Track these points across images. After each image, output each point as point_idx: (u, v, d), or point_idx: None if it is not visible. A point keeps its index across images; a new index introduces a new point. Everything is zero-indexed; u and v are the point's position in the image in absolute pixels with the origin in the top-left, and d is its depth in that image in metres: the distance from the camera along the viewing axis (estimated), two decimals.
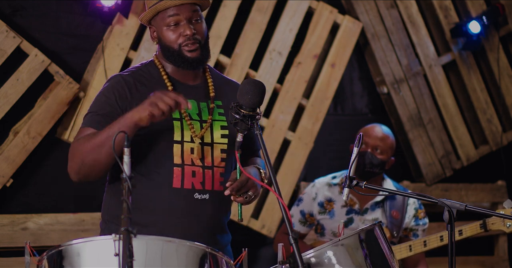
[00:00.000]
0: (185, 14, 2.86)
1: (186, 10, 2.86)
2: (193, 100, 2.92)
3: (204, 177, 2.87)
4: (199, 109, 2.92)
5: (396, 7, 5.47)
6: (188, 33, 2.85)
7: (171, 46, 2.88)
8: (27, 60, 4.30)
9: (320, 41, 5.15)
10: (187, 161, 2.86)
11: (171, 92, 2.72)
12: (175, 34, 2.87)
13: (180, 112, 2.87)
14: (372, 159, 4.01)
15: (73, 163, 2.81)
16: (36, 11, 4.42)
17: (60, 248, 2.43)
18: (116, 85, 2.88)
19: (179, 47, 2.87)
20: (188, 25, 2.86)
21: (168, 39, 2.88)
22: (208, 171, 2.88)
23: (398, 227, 4.06)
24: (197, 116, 2.90)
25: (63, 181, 4.48)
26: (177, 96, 2.67)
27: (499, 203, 5.67)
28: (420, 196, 2.87)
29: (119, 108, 2.84)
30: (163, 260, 2.40)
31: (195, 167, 2.87)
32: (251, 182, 2.78)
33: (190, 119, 2.88)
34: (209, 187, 2.88)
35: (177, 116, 2.87)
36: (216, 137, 2.91)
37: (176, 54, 2.88)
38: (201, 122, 2.90)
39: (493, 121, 5.78)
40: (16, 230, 4.32)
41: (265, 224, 4.96)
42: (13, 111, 4.29)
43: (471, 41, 5.51)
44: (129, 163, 2.26)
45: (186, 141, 2.86)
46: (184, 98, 2.68)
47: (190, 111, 2.89)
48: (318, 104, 5.16)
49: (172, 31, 2.87)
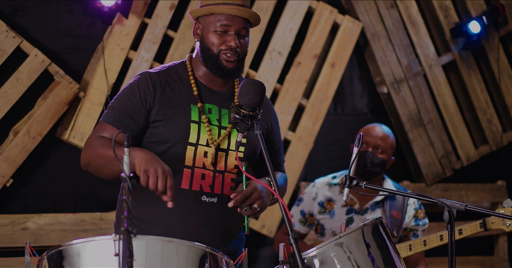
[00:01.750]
0: (236, 26, 2.89)
1: (238, 22, 2.90)
2: (215, 105, 2.94)
3: (214, 180, 2.89)
4: (220, 115, 2.94)
5: (396, 7, 5.47)
6: (232, 44, 2.88)
7: (211, 48, 2.90)
8: (27, 60, 4.30)
9: (320, 41, 5.15)
10: (199, 164, 2.87)
11: (169, 175, 2.61)
12: (219, 39, 2.89)
13: (200, 116, 2.88)
14: (373, 158, 4.01)
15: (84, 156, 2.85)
16: (36, 11, 4.42)
17: (60, 248, 2.43)
18: (142, 83, 2.90)
19: (218, 52, 2.90)
20: (235, 37, 2.89)
21: (211, 42, 2.90)
22: (218, 175, 2.90)
23: (398, 227, 4.06)
24: (217, 121, 2.92)
25: (63, 181, 4.49)
26: (169, 187, 2.59)
27: (499, 203, 5.67)
28: (420, 196, 2.87)
29: (143, 107, 2.87)
30: (163, 260, 2.40)
31: (206, 171, 2.88)
32: (256, 195, 2.78)
33: (209, 124, 2.89)
34: (218, 191, 2.89)
35: (195, 119, 2.89)
36: (233, 144, 2.92)
37: (213, 58, 2.90)
38: (220, 128, 2.92)
39: (493, 121, 5.78)
40: (16, 230, 4.31)
41: (265, 224, 4.96)
42: (13, 111, 4.29)
43: (471, 41, 5.51)
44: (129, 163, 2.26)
45: (201, 144, 2.88)
46: (171, 194, 2.59)
47: (210, 116, 2.91)
48: (318, 104, 5.16)
49: (218, 35, 2.89)
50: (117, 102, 2.91)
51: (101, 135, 2.86)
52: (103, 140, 2.82)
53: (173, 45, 4.72)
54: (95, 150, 2.79)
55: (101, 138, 2.84)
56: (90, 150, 2.83)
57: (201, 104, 2.91)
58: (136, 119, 2.86)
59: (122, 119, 2.86)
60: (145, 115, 2.88)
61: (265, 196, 2.82)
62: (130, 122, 2.85)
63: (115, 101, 2.92)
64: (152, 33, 4.65)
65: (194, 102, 2.92)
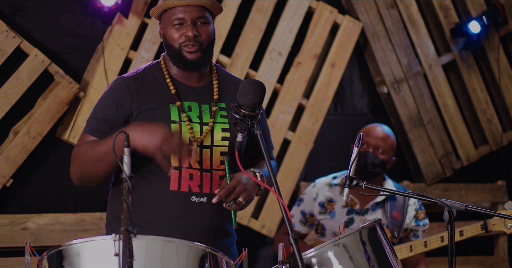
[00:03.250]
0: (190, 15, 2.87)
1: (192, 12, 2.87)
2: (194, 102, 2.92)
3: (202, 180, 2.87)
4: (200, 111, 2.92)
5: (396, 7, 5.47)
6: (189, 34, 2.86)
7: (172, 44, 2.89)
8: (27, 60, 4.29)
9: (320, 41, 5.15)
10: (185, 164, 2.86)
11: (176, 137, 2.69)
12: (177, 33, 2.88)
13: (180, 115, 2.87)
14: (374, 159, 4.00)
15: (74, 170, 2.86)
16: (36, 11, 4.42)
17: (60, 248, 2.43)
18: (117, 90, 2.90)
19: (180, 47, 2.88)
20: (191, 27, 2.87)
21: (170, 37, 2.89)
22: (206, 174, 2.88)
23: (398, 227, 4.06)
24: (198, 118, 2.90)
25: (63, 181, 4.48)
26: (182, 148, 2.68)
27: (499, 203, 5.67)
28: (420, 196, 2.86)
29: (121, 114, 2.87)
30: (163, 260, 2.40)
31: (193, 170, 2.86)
32: (240, 188, 2.76)
33: (190, 122, 2.88)
34: (207, 190, 2.87)
35: (175, 118, 2.87)
36: (217, 139, 2.90)
37: (175, 53, 2.89)
38: (201, 125, 2.90)
39: (493, 121, 5.78)
40: (16, 230, 4.31)
41: (265, 224, 4.96)
42: (13, 111, 4.29)
43: (471, 41, 5.51)
44: (129, 163, 2.26)
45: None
46: (188, 150, 2.71)
47: (190, 114, 2.89)
48: (318, 104, 5.16)
49: (175, 30, 2.88)
50: (95, 111, 2.92)
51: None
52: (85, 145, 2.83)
53: None
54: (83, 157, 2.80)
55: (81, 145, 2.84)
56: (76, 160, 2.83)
57: (179, 102, 2.88)
58: (116, 126, 2.83)
59: (103, 128, 2.85)
60: (125, 121, 2.86)
61: (250, 188, 2.80)
62: (110, 130, 2.83)
63: (94, 111, 2.92)
64: (152, 33, 4.65)
65: (172, 101, 2.89)
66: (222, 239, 2.94)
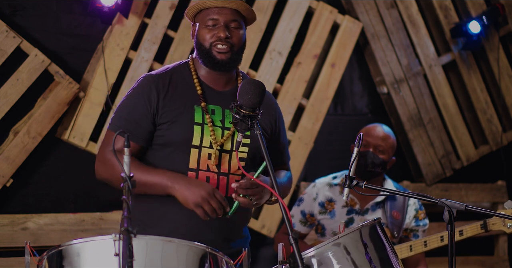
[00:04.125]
0: (224, 18, 2.89)
1: (226, 14, 2.90)
2: (218, 106, 2.94)
3: (218, 183, 2.88)
4: (223, 115, 2.93)
5: (396, 7, 5.47)
6: (221, 35, 2.88)
7: (203, 44, 2.91)
8: (27, 60, 4.29)
9: (320, 41, 5.15)
10: (203, 167, 2.87)
11: (218, 194, 2.77)
12: (210, 33, 2.90)
13: (204, 117, 2.88)
14: (374, 159, 4.00)
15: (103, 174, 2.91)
16: (36, 11, 4.42)
17: (60, 248, 2.43)
18: (146, 87, 2.91)
19: (210, 46, 2.90)
20: (223, 28, 2.89)
21: (202, 37, 2.91)
22: (223, 177, 2.89)
23: (398, 227, 4.06)
24: (220, 122, 2.91)
25: (63, 181, 4.49)
26: (222, 204, 2.77)
27: (499, 203, 5.67)
28: (420, 196, 2.86)
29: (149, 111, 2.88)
30: (163, 260, 2.40)
31: (210, 173, 2.88)
32: (260, 190, 2.79)
33: (213, 125, 2.88)
34: (223, 194, 2.88)
35: (199, 120, 2.88)
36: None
37: (206, 52, 2.90)
38: (223, 129, 2.91)
39: (493, 121, 5.78)
40: (16, 230, 4.31)
41: (265, 224, 4.96)
42: (13, 111, 4.29)
43: (471, 41, 5.51)
44: (129, 163, 2.26)
45: (204, 146, 2.87)
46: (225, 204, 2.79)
47: (213, 117, 2.91)
48: (318, 104, 5.16)
49: (208, 30, 2.90)
50: (122, 108, 2.92)
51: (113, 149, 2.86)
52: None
53: (173, 45, 4.72)
54: (115, 170, 2.82)
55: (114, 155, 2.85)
56: (108, 168, 2.86)
57: (204, 103, 2.90)
58: (143, 124, 2.87)
59: (130, 127, 2.86)
60: (152, 118, 2.88)
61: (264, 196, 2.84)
62: (137, 130, 2.86)
63: (121, 108, 2.93)
64: (152, 33, 4.65)
65: (197, 102, 2.91)
66: (235, 241, 2.96)
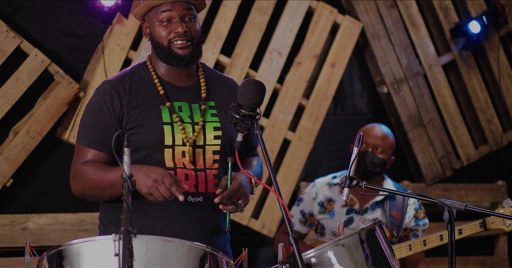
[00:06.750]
0: (178, 11, 2.85)
1: (179, 7, 2.85)
2: (184, 102, 2.91)
3: (197, 180, 2.86)
4: (191, 111, 2.90)
5: (396, 7, 5.47)
6: (179, 30, 2.83)
7: (161, 42, 2.86)
8: (27, 60, 4.30)
9: (320, 41, 5.15)
10: (179, 165, 2.85)
11: (168, 178, 2.70)
12: (166, 30, 2.85)
13: (171, 116, 2.86)
14: (373, 158, 4.01)
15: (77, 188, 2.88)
16: (36, 11, 4.42)
17: (60, 248, 2.43)
18: (106, 94, 2.86)
19: (169, 44, 2.85)
20: (180, 23, 2.84)
21: (158, 35, 2.86)
22: (201, 173, 2.86)
23: (398, 227, 4.06)
24: (189, 118, 2.88)
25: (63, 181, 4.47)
26: (172, 188, 2.68)
27: (499, 203, 5.67)
28: (420, 196, 2.87)
29: (113, 119, 2.84)
30: (163, 260, 2.40)
31: (188, 170, 2.85)
32: (242, 190, 2.77)
33: (182, 123, 2.86)
34: (203, 190, 2.86)
35: (167, 120, 2.85)
36: (209, 139, 2.89)
37: (165, 50, 2.86)
38: (193, 124, 2.88)
39: (493, 121, 5.78)
40: (16, 230, 4.32)
41: (265, 224, 4.96)
42: (13, 111, 4.29)
43: (471, 41, 5.51)
44: (129, 163, 2.26)
45: (177, 145, 2.84)
46: (179, 186, 2.71)
47: (182, 114, 2.88)
48: (318, 104, 5.16)
49: (164, 27, 2.86)
50: (86, 120, 2.88)
51: (84, 162, 2.85)
52: (89, 168, 2.82)
53: None
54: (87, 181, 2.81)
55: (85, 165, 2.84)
56: (80, 180, 2.84)
57: (169, 103, 2.86)
58: (110, 134, 2.81)
59: (97, 138, 2.83)
60: (119, 125, 2.84)
61: (248, 192, 2.82)
62: (106, 140, 2.82)
63: (85, 119, 2.89)
64: None
65: (162, 102, 2.87)
66: (217, 237, 2.94)
